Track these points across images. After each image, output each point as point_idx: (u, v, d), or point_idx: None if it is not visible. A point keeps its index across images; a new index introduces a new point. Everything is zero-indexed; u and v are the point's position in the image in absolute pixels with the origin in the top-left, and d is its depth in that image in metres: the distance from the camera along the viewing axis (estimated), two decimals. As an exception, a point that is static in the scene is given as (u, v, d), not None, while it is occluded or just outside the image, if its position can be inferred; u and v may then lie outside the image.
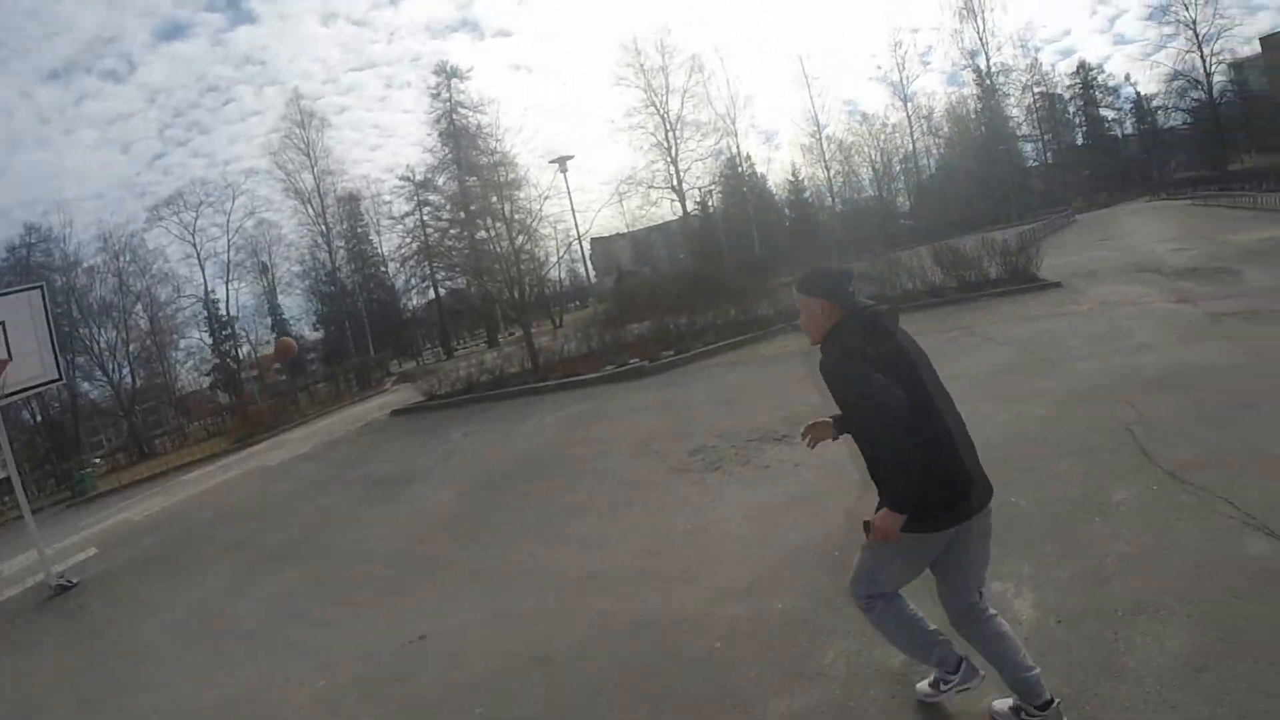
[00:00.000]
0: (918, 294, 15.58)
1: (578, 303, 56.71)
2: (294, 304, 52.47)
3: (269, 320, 51.30)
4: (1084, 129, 61.27)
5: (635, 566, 5.21)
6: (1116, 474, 4.99)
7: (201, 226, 47.72)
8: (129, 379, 43.72)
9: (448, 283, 46.44)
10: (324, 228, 48.83)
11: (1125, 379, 7.04)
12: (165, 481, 22.67)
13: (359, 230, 51.62)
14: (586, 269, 54.77)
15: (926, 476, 2.59)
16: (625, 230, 57.41)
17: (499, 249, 24.71)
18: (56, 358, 11.09)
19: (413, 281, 52.51)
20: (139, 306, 44.61)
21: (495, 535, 6.66)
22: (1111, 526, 4.34)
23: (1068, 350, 8.79)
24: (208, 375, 48.63)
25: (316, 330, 52.90)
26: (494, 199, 27.76)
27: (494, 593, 5.37)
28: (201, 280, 47.94)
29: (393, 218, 50.35)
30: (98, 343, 42.13)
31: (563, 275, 54.39)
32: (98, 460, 35.36)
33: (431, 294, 51.96)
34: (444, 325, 53.75)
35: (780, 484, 6.11)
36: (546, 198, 29.87)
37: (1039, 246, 15.91)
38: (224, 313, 49.43)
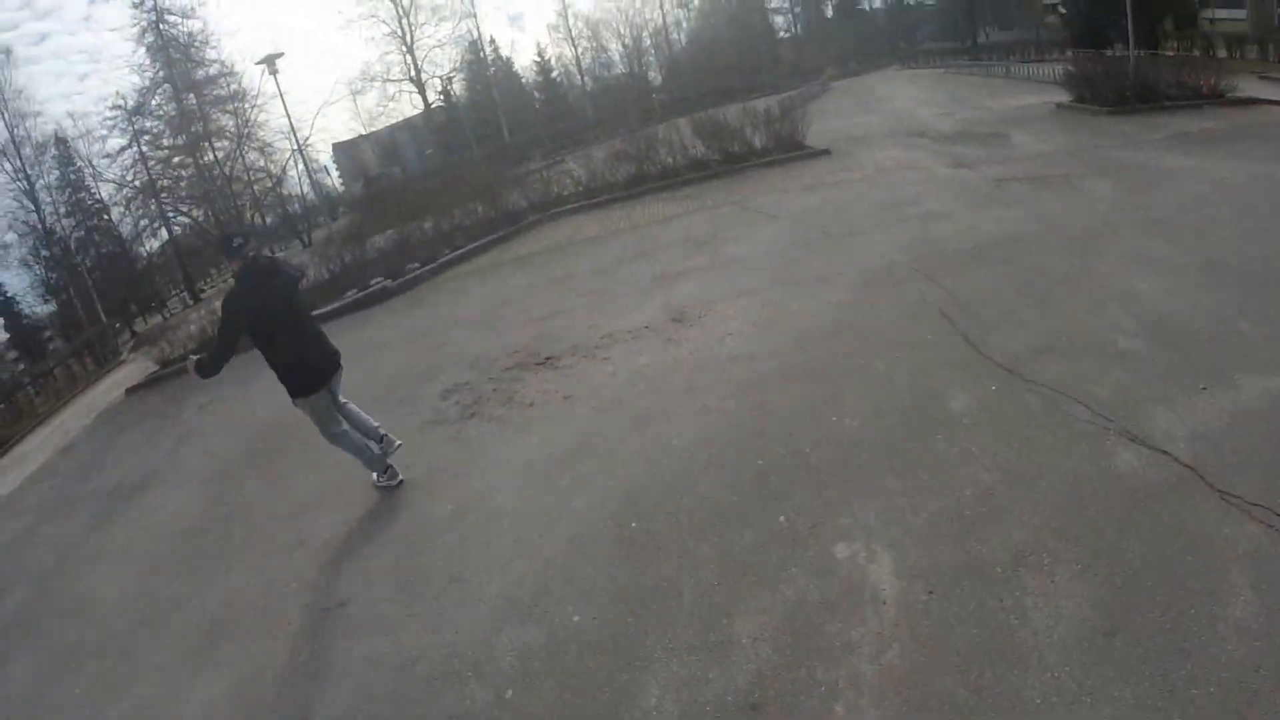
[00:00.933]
0: (679, 169, 14.46)
1: (327, 216, 51.17)
2: (14, 279, 42.10)
3: None
4: (834, 2, 62.86)
5: (391, 578, 3.82)
6: (946, 372, 4.27)
7: None
8: None
9: (181, 219, 39.58)
10: (26, 183, 39.15)
11: (924, 253, 6.49)
12: None
13: (72, 177, 41.85)
14: (331, 176, 49.30)
15: (293, 367, 4.34)
16: (367, 132, 51.96)
17: (229, 170, 20.95)
18: None
19: (142, 224, 44.14)
20: None
21: (226, 553, 4.78)
22: (959, 446, 3.58)
23: (853, 223, 8.15)
24: None
25: (48, 303, 43.08)
26: (216, 116, 23.47)
27: (231, 645, 3.74)
28: None
29: (108, 155, 41.26)
30: None
31: (304, 189, 48.49)
32: None
33: (165, 235, 43.89)
34: (185, 268, 46.28)
35: (551, 427, 4.87)
36: (260, 107, 25.44)
37: (804, 113, 15.28)
38: None
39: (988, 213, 7.47)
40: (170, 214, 39.85)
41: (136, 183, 40.00)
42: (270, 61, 26.81)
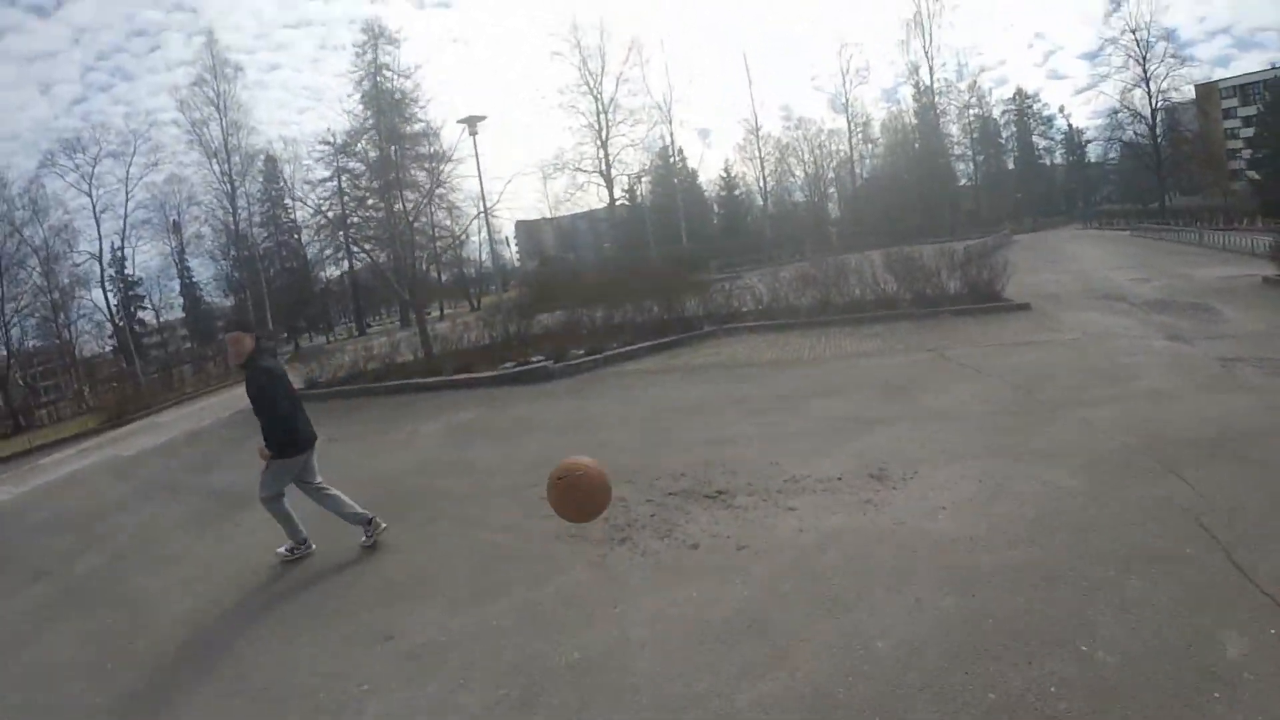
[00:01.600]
0: (867, 303, 13.83)
1: (498, 286, 54.01)
2: (201, 267, 47.55)
3: (177, 284, 46.44)
4: (1016, 154, 61.97)
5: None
6: (1215, 603, 3.22)
7: (100, 176, 42.07)
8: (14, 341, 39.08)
9: (363, 256, 42.96)
10: (229, 186, 44.25)
11: (1157, 437, 5.42)
12: (18, 467, 19.76)
13: (274, 194, 46.97)
14: (509, 250, 52.09)
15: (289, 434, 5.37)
16: (551, 215, 54.95)
17: (414, 222, 22.28)
18: None
19: (327, 252, 48.47)
20: (34, 260, 39.31)
21: (293, 627, 4.43)
22: (1242, 713, 2.55)
23: (1068, 390, 7.14)
24: (110, 338, 43.34)
25: (227, 297, 48.02)
26: (413, 170, 25.32)
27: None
28: (97, 237, 42.37)
29: (309, 182, 46.04)
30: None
31: (483, 256, 51.37)
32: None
33: (345, 266, 47.88)
34: (358, 300, 49.98)
35: (717, 583, 4.02)
36: (456, 162, 26.97)
37: (1004, 263, 14.36)
38: (130, 272, 44.51)
39: (1221, 397, 6.35)
40: (355, 249, 43.11)
41: (330, 214, 43.50)
42: (472, 122, 28.45)
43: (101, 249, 42.50)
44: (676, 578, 4.17)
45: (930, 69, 55.83)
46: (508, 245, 53.78)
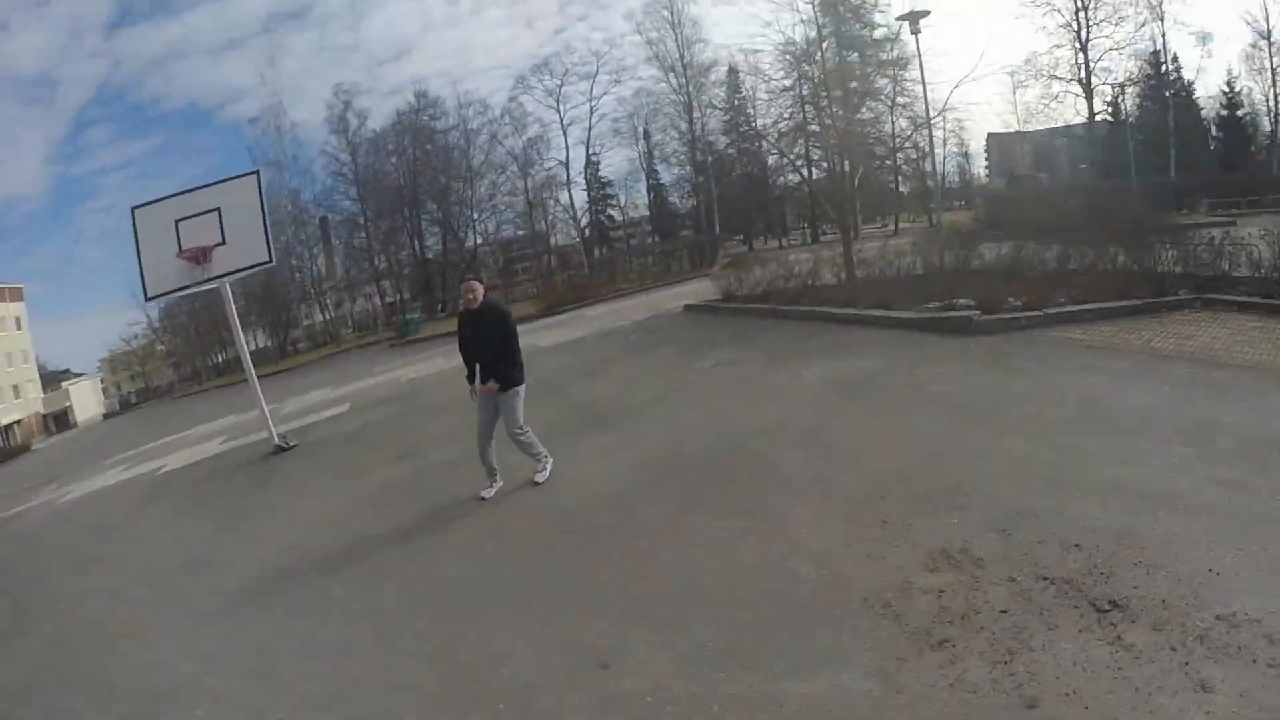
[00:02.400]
0: None
1: (963, 202, 48.90)
2: (668, 172, 52.26)
3: (643, 185, 51.71)
4: None
5: None
6: None
7: (566, 94, 48.51)
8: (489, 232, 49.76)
9: (822, 164, 42.42)
10: (685, 98, 46.89)
11: None
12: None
13: (736, 103, 48.63)
14: (978, 164, 46.54)
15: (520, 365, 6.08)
16: (1021, 129, 47.14)
17: (877, 132, 20.82)
18: (268, 240, 11.45)
19: (784, 160, 49.03)
20: (514, 165, 48.52)
21: (570, 602, 4.20)
22: None
23: None
24: (584, 229, 50.71)
25: (686, 199, 52.12)
26: (874, 77, 23.59)
27: None
28: (564, 145, 49.25)
29: (770, 92, 46.43)
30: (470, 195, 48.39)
31: (946, 168, 46.79)
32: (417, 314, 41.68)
33: (807, 174, 48.13)
34: (813, 208, 49.98)
35: None
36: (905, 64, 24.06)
37: None
38: (601, 175, 51.13)
39: None
40: (815, 157, 42.77)
41: (790, 121, 43.55)
42: (913, 19, 24.93)
43: (569, 156, 49.44)
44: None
45: None
46: (966, 160, 47.96)
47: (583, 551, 5.04)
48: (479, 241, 51.88)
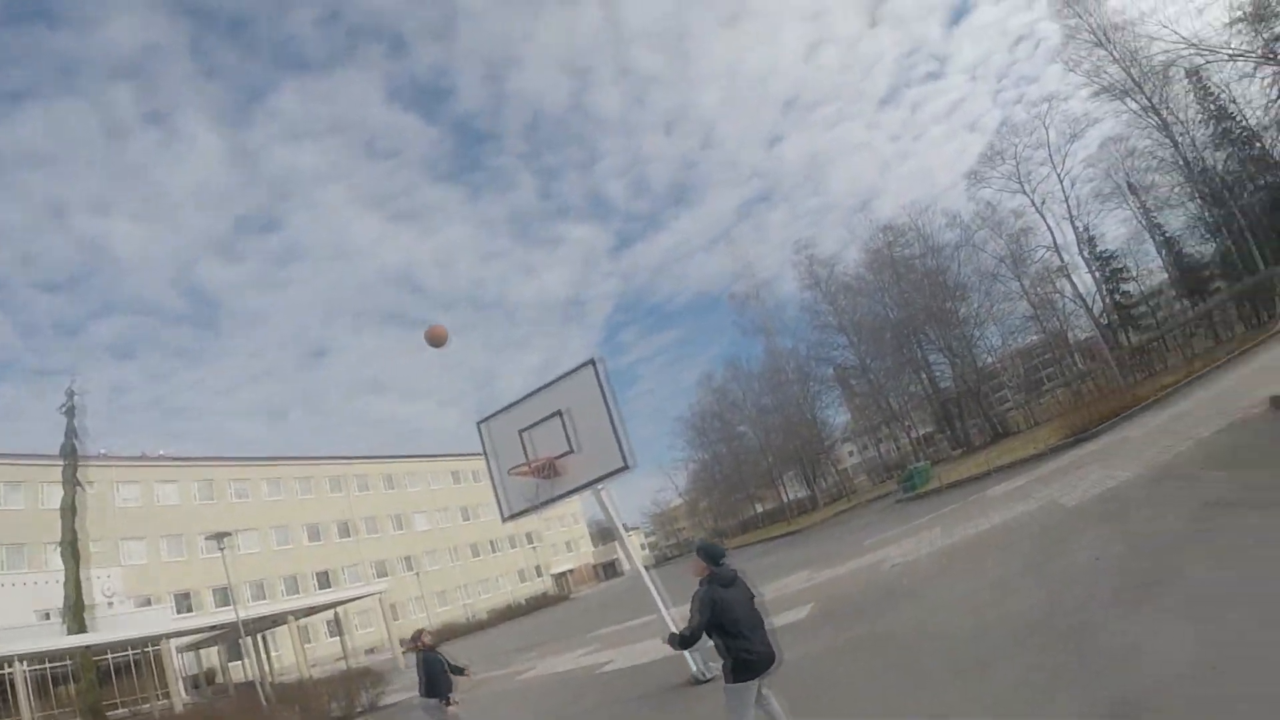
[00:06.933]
0: None
1: None
2: (1174, 219, 40.44)
3: (1149, 244, 40.36)
4: None
5: None
6: None
7: (1024, 173, 40.84)
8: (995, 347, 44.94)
9: None
10: (1157, 118, 36.68)
11: None
12: (974, 490, 18.35)
13: (1212, 108, 36.88)
14: None
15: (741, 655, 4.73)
16: None
17: None
18: (619, 440, 9.19)
19: None
20: (1002, 268, 42.92)
21: None
22: None
23: None
24: (1100, 316, 40.85)
25: (1206, 242, 39.47)
26: None
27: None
28: (1046, 227, 41.28)
29: (1242, 76, 34.02)
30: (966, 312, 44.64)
31: None
32: (924, 462, 35.08)
33: None
34: None
35: None
36: None
37: None
38: (1101, 248, 41.20)
39: None
40: None
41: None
42: None
43: (1054, 240, 40.97)
44: None
45: None
46: None
47: None
48: (989, 360, 47.35)
